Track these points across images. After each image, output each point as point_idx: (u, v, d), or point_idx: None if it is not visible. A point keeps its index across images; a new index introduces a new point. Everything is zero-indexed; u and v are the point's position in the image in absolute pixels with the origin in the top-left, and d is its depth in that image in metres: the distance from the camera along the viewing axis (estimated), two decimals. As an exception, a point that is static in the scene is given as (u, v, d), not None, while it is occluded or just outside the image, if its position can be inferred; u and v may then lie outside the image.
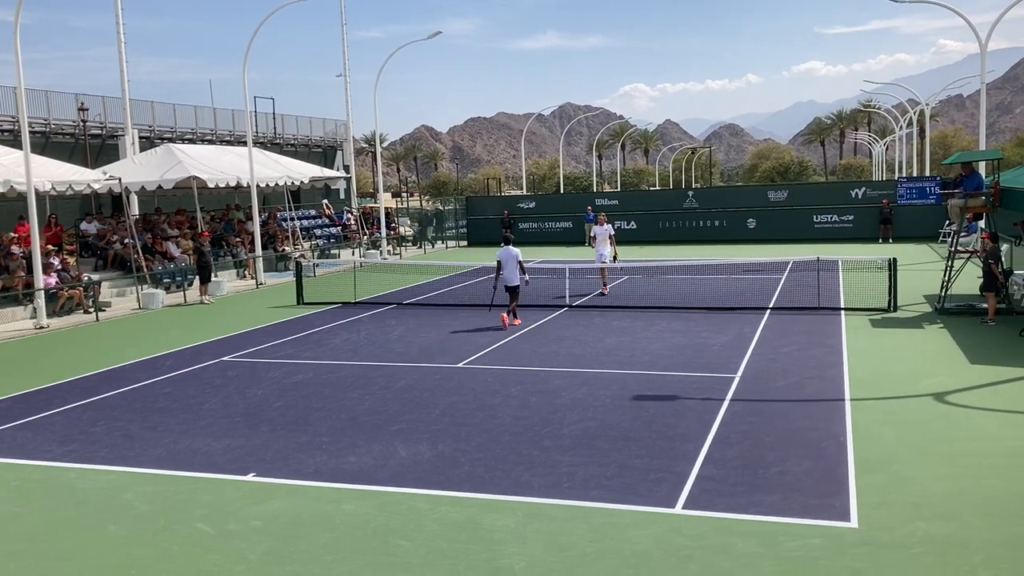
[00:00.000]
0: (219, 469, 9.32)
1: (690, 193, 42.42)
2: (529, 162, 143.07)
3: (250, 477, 9.02)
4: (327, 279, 27.99)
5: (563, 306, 20.14)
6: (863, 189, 38.86)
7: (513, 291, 18.08)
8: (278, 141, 44.62)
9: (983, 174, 20.09)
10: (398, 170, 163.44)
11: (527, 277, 18.33)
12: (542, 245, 40.61)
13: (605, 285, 22.28)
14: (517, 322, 18.02)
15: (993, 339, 14.91)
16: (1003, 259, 18.02)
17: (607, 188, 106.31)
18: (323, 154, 48.24)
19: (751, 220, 39.02)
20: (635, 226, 40.74)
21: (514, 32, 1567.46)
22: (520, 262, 18.12)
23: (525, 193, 65.47)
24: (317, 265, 30.27)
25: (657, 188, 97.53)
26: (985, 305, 17.71)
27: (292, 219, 35.04)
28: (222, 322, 19.93)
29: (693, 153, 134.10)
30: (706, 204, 40.28)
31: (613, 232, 22.53)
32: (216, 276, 25.83)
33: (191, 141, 38.06)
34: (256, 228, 28.95)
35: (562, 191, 78.52)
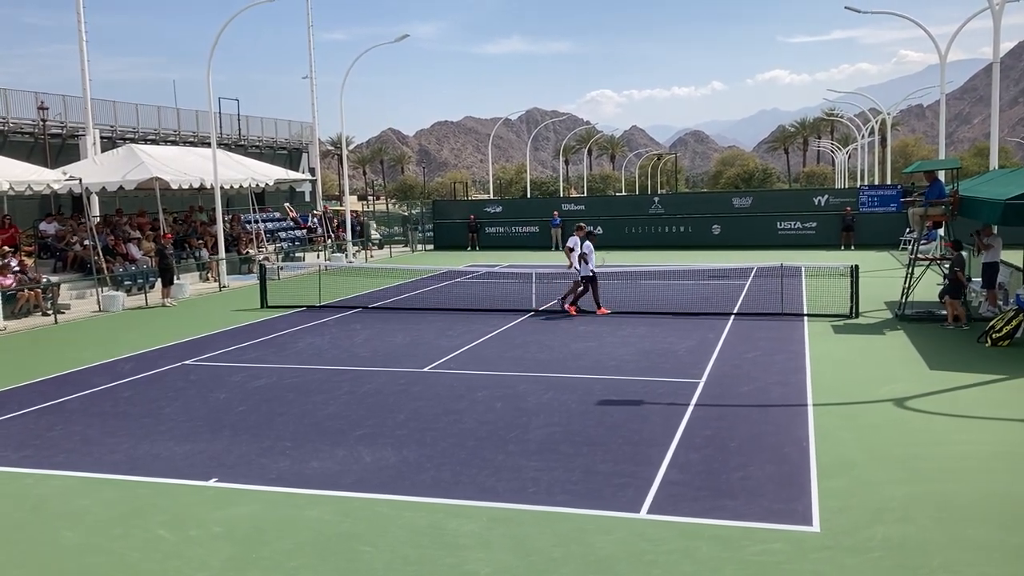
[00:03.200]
0: (180, 474, 9.18)
1: (656, 199, 42.72)
2: (496, 166, 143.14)
3: (212, 482, 8.89)
4: (291, 282, 27.76)
5: (529, 311, 20.15)
6: (826, 197, 39.37)
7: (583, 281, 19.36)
8: (243, 143, 44.23)
9: (943, 182, 20.44)
10: (364, 173, 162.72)
11: (583, 268, 19.47)
12: (509, 250, 40.65)
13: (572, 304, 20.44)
14: (572, 311, 19.38)
15: (952, 345, 15.16)
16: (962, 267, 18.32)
17: (574, 193, 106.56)
18: (288, 156, 47.91)
19: (716, 226, 39.35)
20: (601, 231, 40.74)
21: (480, 36, 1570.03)
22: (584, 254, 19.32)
23: (492, 197, 65.46)
24: (281, 268, 30.01)
25: (623, 194, 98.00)
26: (944, 312, 18.01)
27: (256, 221, 34.72)
28: (184, 325, 19.68)
29: (659, 159, 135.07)
30: (672, 210, 40.57)
31: (573, 246, 20.45)
32: (178, 279, 25.50)
33: (154, 142, 37.59)
34: (220, 230, 28.64)
35: (529, 196, 78.65)
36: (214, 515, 8.00)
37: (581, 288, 19.67)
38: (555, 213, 40.99)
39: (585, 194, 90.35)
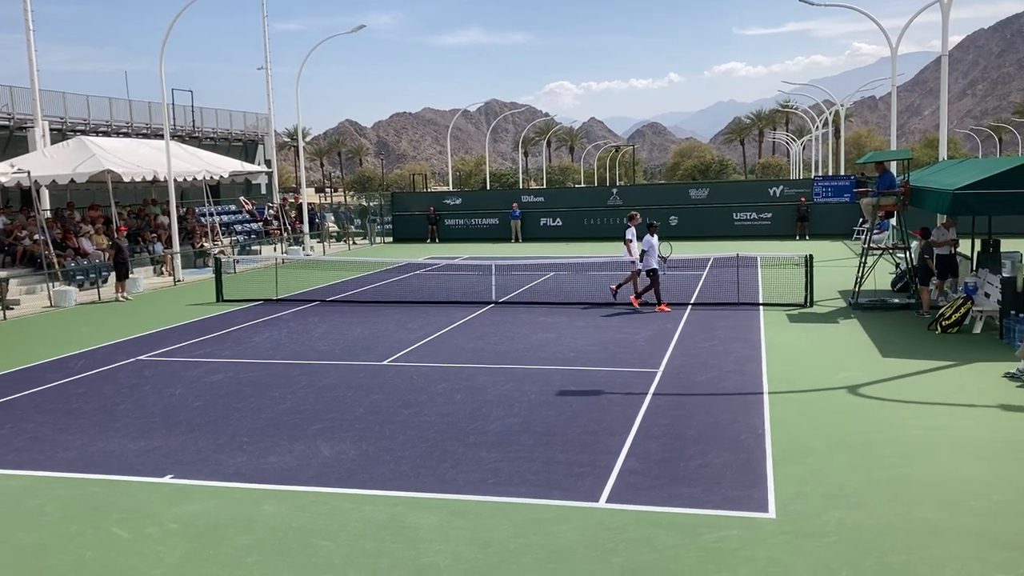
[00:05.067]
0: (135, 471, 9.05)
1: (614, 191, 42.92)
2: (455, 158, 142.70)
3: (167, 479, 8.78)
4: (248, 276, 27.45)
5: (489, 302, 20.15)
6: (781, 187, 39.88)
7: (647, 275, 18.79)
8: (197, 134, 43.57)
9: (894, 173, 20.80)
10: (322, 165, 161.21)
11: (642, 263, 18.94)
12: (468, 242, 40.59)
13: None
14: (636, 302, 18.86)
15: (903, 333, 15.45)
16: (912, 257, 18.67)
17: (533, 185, 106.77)
18: (244, 148, 47.30)
19: (673, 217, 39.61)
20: (560, 223, 41.04)
21: (437, 27, 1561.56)
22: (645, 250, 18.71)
23: (451, 189, 65.29)
24: (237, 261, 29.65)
25: (582, 186, 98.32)
26: (896, 300, 18.37)
27: (211, 214, 34.25)
28: (138, 320, 19.37)
29: (617, 151, 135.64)
30: (630, 201, 40.74)
31: (629, 237, 19.81)
32: (132, 273, 25.08)
33: (105, 134, 36.86)
34: (174, 223, 28.21)
35: (488, 188, 78.58)
36: (170, 512, 7.90)
37: (650, 282, 18.84)
38: (515, 205, 41.00)
39: (544, 186, 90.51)
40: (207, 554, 6.98)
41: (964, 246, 18.75)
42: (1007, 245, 17.29)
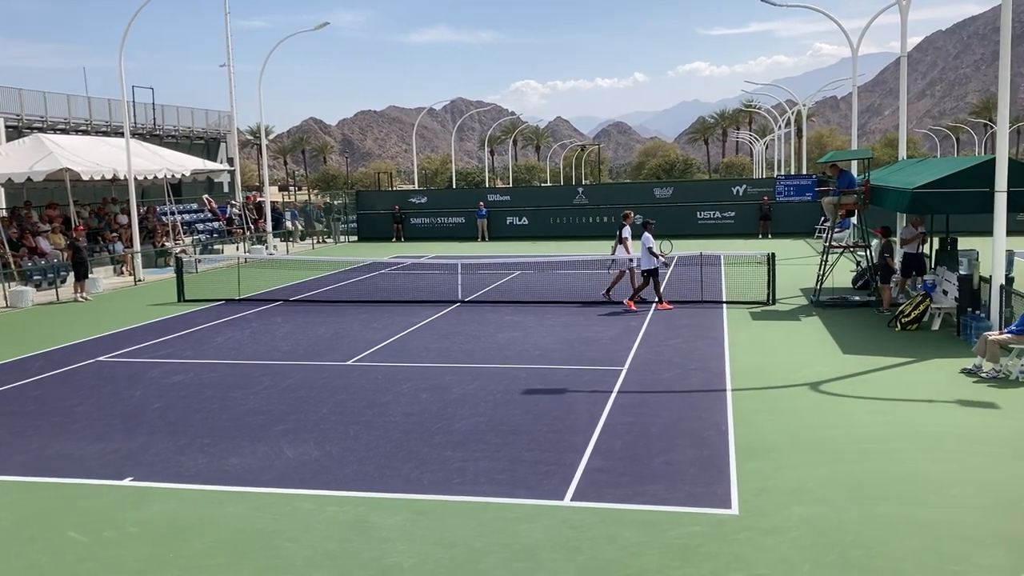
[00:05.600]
0: (93, 474, 8.89)
1: (580, 190, 43.02)
2: (421, 157, 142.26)
3: (127, 482, 8.64)
4: (210, 275, 27.13)
5: (455, 301, 20.10)
6: (744, 187, 40.25)
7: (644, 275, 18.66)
8: (158, 132, 42.99)
9: (855, 172, 21.08)
10: (285, 163, 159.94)
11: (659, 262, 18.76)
12: (434, 241, 40.48)
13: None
14: (631, 305, 18.53)
15: (864, 330, 15.65)
16: (873, 255, 18.93)
17: (499, 184, 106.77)
18: (206, 146, 46.75)
19: (638, 216, 39.77)
20: (526, 222, 41.07)
21: (405, 25, 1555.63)
22: (649, 247, 18.45)
23: (417, 188, 65.08)
24: (199, 261, 29.29)
25: (548, 184, 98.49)
26: (857, 297, 18.62)
27: (172, 213, 33.81)
28: (98, 320, 19.06)
29: (583, 150, 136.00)
30: (595, 200, 40.93)
31: (625, 236, 19.87)
32: (92, 273, 24.68)
33: (64, 131, 36.22)
34: (134, 222, 27.79)
35: (454, 186, 78.43)
36: (129, 515, 7.77)
37: (642, 282, 18.85)
38: (481, 204, 40.96)
39: (511, 185, 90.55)
40: (168, 557, 6.88)
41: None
42: (964, 243, 17.57)
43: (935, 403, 10.74)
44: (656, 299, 18.64)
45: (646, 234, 18.51)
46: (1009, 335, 12.06)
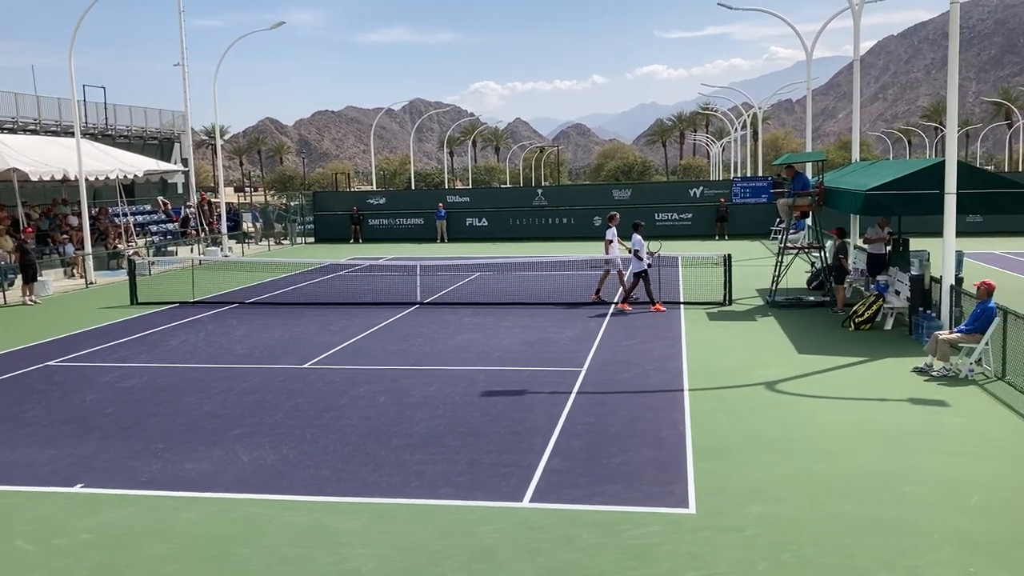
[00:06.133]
0: (43, 481, 8.70)
1: (539, 191, 43.11)
2: (379, 157, 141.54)
3: (78, 488, 8.46)
4: (164, 277, 26.71)
5: (414, 303, 20.01)
6: (701, 188, 40.63)
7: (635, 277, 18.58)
8: (110, 132, 42.20)
9: (809, 174, 21.37)
10: (241, 164, 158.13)
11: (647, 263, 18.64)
12: (393, 242, 40.28)
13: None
14: (626, 307, 18.49)
15: (818, 330, 15.88)
16: (827, 256, 19.22)
17: (459, 185, 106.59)
18: (159, 146, 46.00)
19: (597, 218, 39.95)
20: (486, 223, 41.04)
21: (362, 24, 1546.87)
22: (637, 250, 18.45)
23: (375, 189, 64.69)
24: (153, 263, 28.82)
25: (508, 186, 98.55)
26: (812, 298, 18.88)
27: (125, 214, 33.23)
28: (47, 324, 18.65)
29: (542, 152, 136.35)
30: (555, 202, 41.04)
31: (612, 237, 19.79)
32: (41, 275, 24.16)
33: (11, 131, 35.40)
34: (85, 224, 27.26)
35: (413, 187, 78.16)
36: (81, 523, 7.61)
37: (632, 283, 18.76)
38: (440, 205, 40.84)
39: (470, 186, 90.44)
40: (120, 565, 6.76)
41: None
42: (916, 244, 17.91)
43: (888, 402, 10.93)
44: (649, 301, 18.64)
45: (636, 236, 18.55)
46: (959, 334, 12.32)
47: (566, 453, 9.12)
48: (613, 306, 18.86)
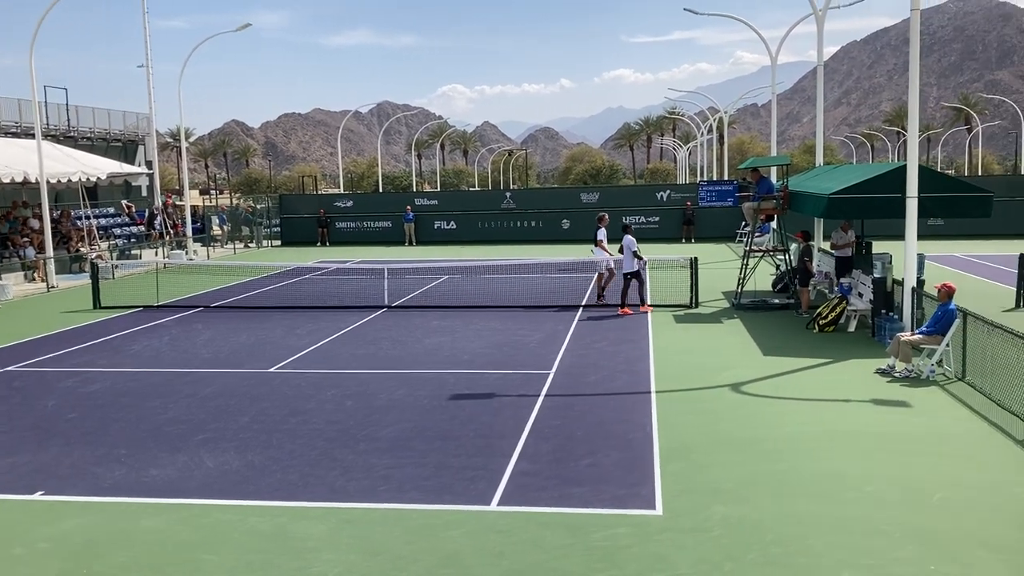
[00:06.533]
0: (1, 489, 8.54)
1: (508, 194, 43.13)
2: (347, 160, 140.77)
3: (38, 496, 8.32)
4: (127, 281, 26.37)
5: (382, 307, 19.93)
6: (668, 192, 40.88)
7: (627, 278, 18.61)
8: (72, 134, 41.57)
9: (774, 178, 21.61)
10: (207, 166, 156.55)
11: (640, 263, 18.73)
12: (360, 245, 40.08)
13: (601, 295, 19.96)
14: (628, 311, 18.39)
15: (783, 332, 16.04)
16: (792, 259, 19.43)
17: (427, 188, 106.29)
18: (123, 149, 45.40)
19: (565, 221, 40.13)
20: (454, 226, 40.98)
21: (327, 27, 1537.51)
22: (634, 250, 18.50)
23: (343, 192, 64.35)
24: (116, 266, 28.43)
25: (476, 189, 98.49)
26: (776, 300, 19.07)
27: (88, 217, 32.77)
28: (7, 329, 18.32)
29: (510, 155, 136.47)
30: (523, 205, 41.09)
31: (600, 238, 20.01)
32: (1, 279, 23.74)
33: (-30, 132, 34.79)
34: (47, 227, 26.84)
35: (381, 190, 77.84)
36: (40, 531, 7.49)
37: (623, 284, 18.76)
38: (408, 208, 40.72)
39: (438, 189, 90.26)
40: (81, 574, 6.65)
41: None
42: (879, 247, 18.12)
43: (851, 403, 11.07)
44: (638, 302, 18.76)
45: (629, 237, 18.69)
46: (920, 336, 12.51)
47: (534, 456, 9.12)
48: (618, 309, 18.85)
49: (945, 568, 6.43)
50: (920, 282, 15.09)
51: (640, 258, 18.66)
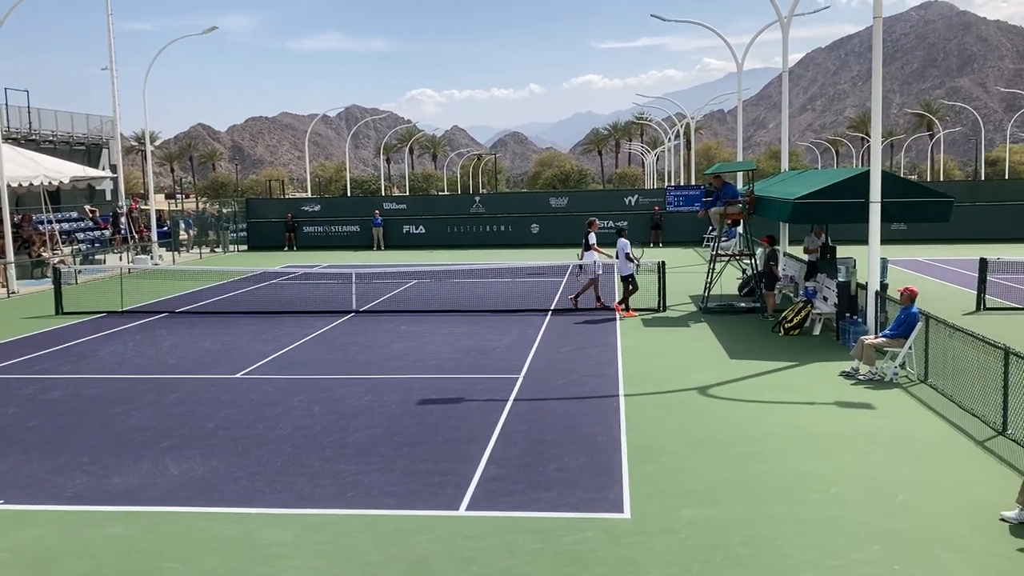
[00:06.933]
0: (-41, 499, 8.37)
1: (477, 199, 43.14)
2: (315, 164, 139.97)
3: (-3, 505, 8.17)
4: (91, 286, 25.97)
5: (350, 311, 19.81)
6: (636, 196, 41.09)
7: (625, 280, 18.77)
8: (34, 137, 40.91)
9: (740, 184, 21.79)
10: (172, 170, 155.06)
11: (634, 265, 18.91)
12: (328, 249, 39.83)
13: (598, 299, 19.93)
14: (632, 314, 18.51)
15: (749, 335, 16.18)
16: (758, 263, 19.60)
17: (396, 192, 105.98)
18: (87, 152, 44.77)
19: (534, 225, 40.19)
20: (423, 231, 40.87)
21: (296, 31, 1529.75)
22: (627, 252, 18.71)
23: (310, 196, 63.94)
24: (80, 271, 28.01)
25: (445, 193, 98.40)
26: (743, 304, 19.23)
27: (50, 222, 32.26)
28: (-34, 335, 17.98)
29: (479, 159, 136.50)
30: (492, 209, 41.09)
31: (592, 242, 20.09)
32: (-40, 284, 23.29)
33: (-72, 134, 34.11)
34: (7, 232, 26.38)
35: (349, 194, 77.47)
36: (0, 540, 7.35)
37: (623, 287, 19.01)
38: (376, 212, 40.55)
39: (407, 193, 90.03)
40: (40, 584, 6.53)
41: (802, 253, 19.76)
42: (843, 251, 18.32)
43: (816, 405, 11.18)
44: (615, 304, 18.89)
45: (623, 240, 18.91)
46: (884, 339, 12.67)
47: (502, 461, 9.11)
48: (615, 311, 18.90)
49: (908, 568, 6.51)
50: (883, 286, 15.26)
51: (632, 260, 18.84)
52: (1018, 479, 7.71)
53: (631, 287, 19.01)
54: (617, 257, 19.02)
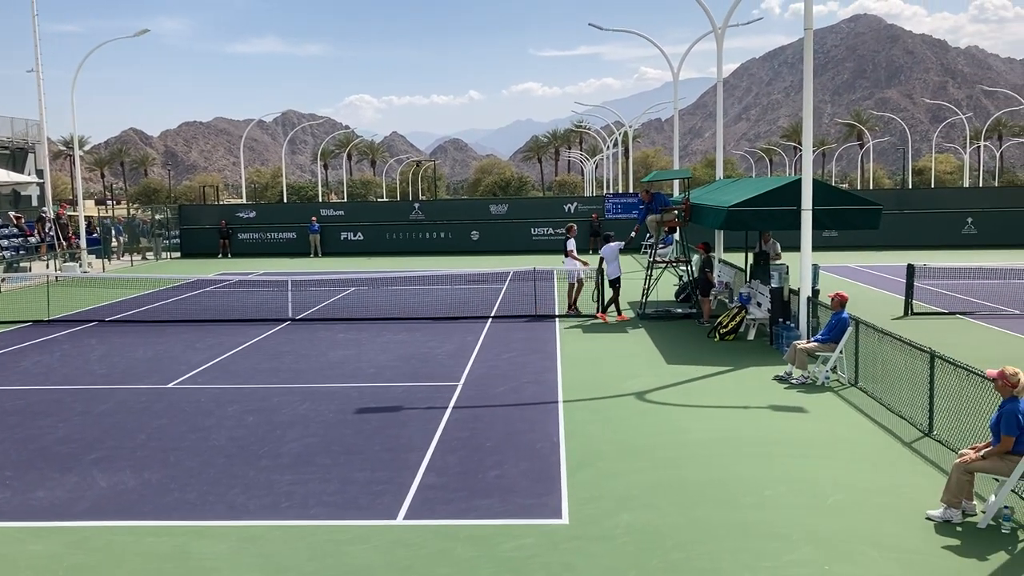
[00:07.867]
0: None
1: (416, 205, 42.99)
2: (250, 170, 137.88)
3: (-88, 523, 7.84)
4: (16, 295, 25.18)
5: (286, 319, 19.54)
6: (576, 204, 41.39)
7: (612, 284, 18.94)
8: (-45, 140, 39.60)
9: (676, 191, 22.09)
10: (103, 176, 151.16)
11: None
12: (263, 256, 39.27)
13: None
14: (622, 317, 18.81)
15: (685, 341, 16.38)
16: (694, 269, 19.87)
17: (334, 198, 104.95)
18: (11, 157, 43.43)
19: (475, 232, 40.21)
20: (362, 237, 40.58)
21: (231, 35, 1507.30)
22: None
23: (245, 202, 62.96)
24: (3, 280, 27.13)
25: (384, 200, 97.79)
26: (680, 310, 19.48)
27: (-27, 228, 31.18)
28: None
29: (419, 166, 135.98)
30: (432, 216, 41.00)
31: (571, 248, 20.66)
32: None
33: None
34: (-73, 238, 25.44)
35: (286, 201, 76.50)
36: (-85, 560, 7.05)
37: (612, 291, 19.08)
38: (313, 219, 40.14)
39: (345, 199, 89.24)
40: (-41, 604, 6.29)
41: (738, 259, 20.15)
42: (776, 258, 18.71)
43: (750, 409, 11.37)
44: (596, 309, 19.09)
45: (608, 244, 19.31)
46: (816, 343, 12.94)
47: (441, 468, 9.07)
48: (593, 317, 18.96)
49: (839, 568, 6.65)
50: (815, 291, 15.62)
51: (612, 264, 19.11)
52: (943, 479, 7.94)
53: (615, 289, 19.13)
54: (606, 261, 19.20)
